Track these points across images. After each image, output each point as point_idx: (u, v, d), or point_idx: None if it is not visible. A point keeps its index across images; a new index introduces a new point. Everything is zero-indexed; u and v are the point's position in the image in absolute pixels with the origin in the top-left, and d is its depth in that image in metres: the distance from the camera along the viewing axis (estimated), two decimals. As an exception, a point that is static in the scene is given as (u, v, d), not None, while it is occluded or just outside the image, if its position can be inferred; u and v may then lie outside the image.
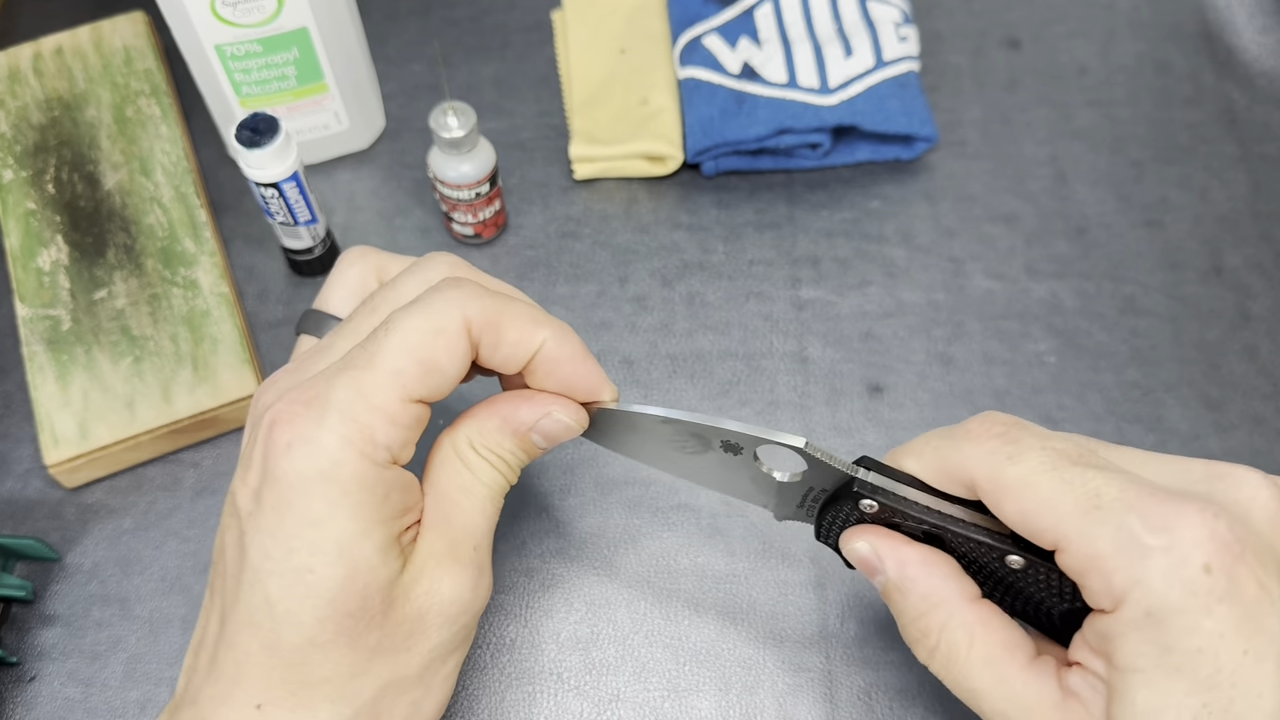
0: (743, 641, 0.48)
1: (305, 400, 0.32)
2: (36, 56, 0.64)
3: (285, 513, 0.32)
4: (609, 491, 0.52)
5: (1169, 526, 0.28)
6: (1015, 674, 0.32)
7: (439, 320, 0.33)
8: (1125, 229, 0.60)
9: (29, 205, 0.58)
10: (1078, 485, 0.29)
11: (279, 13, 0.54)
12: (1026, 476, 0.30)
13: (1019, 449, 0.31)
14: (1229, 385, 0.54)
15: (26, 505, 0.52)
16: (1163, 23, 0.68)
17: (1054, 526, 0.29)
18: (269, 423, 0.32)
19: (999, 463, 0.31)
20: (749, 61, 0.61)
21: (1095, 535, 0.29)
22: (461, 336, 0.34)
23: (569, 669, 0.48)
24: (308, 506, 0.31)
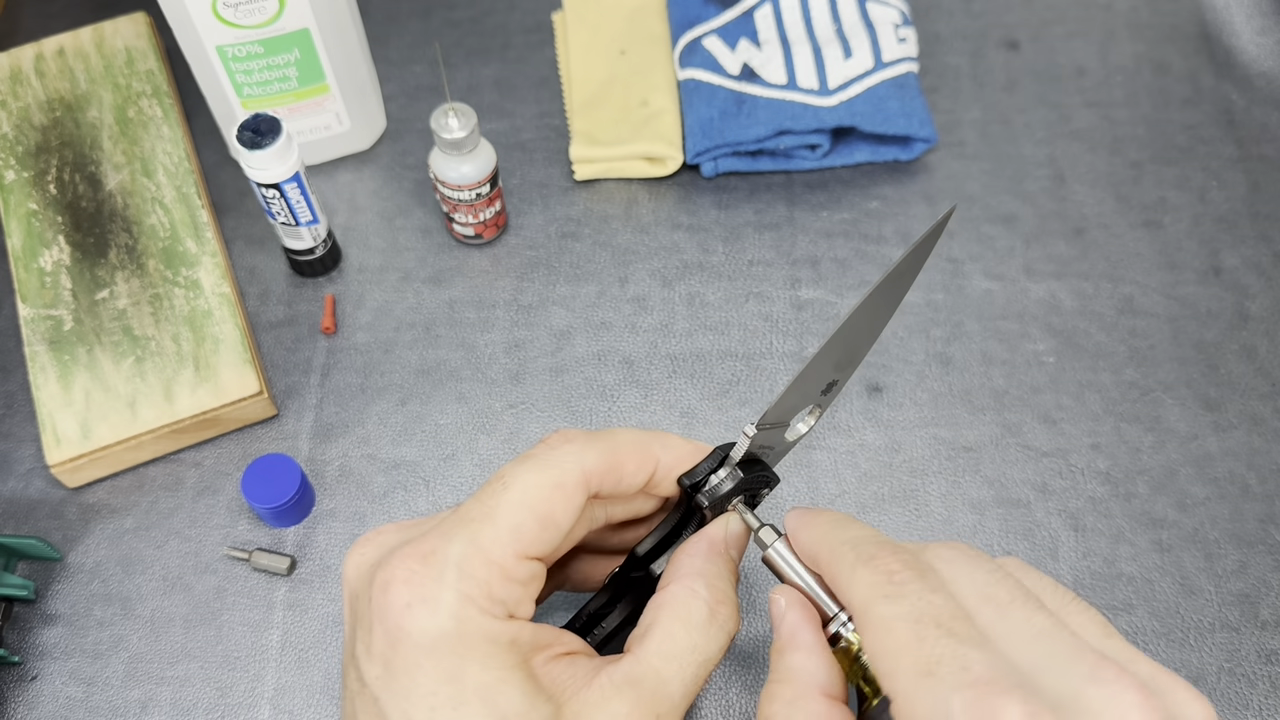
0: (743, 641, 0.48)
1: (421, 556, 0.32)
2: (38, 57, 0.64)
3: (417, 673, 0.31)
4: (609, 491, 0.52)
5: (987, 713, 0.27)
6: None
7: (557, 474, 0.33)
8: (1124, 229, 0.60)
9: (31, 206, 0.58)
10: (927, 645, 0.29)
11: (280, 14, 0.54)
12: (889, 620, 0.30)
13: (899, 592, 0.30)
14: (1227, 385, 0.55)
15: (28, 505, 0.53)
16: (1161, 24, 0.68)
17: (891, 675, 0.29)
18: (383, 582, 0.32)
19: (875, 597, 0.30)
20: (749, 63, 0.62)
21: (918, 699, 0.28)
22: (579, 490, 0.34)
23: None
24: (439, 664, 0.31)
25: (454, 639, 0.31)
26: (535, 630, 0.33)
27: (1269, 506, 0.51)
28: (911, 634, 0.29)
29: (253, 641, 0.49)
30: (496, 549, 0.32)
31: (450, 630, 0.31)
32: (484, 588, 0.32)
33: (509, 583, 0.32)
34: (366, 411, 0.55)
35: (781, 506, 0.52)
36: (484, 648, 0.31)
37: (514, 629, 0.32)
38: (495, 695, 0.31)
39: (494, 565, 0.32)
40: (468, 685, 0.31)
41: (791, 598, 0.34)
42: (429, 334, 0.57)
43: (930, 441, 0.53)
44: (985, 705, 0.27)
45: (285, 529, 0.52)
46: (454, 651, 0.31)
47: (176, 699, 0.48)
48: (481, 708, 0.31)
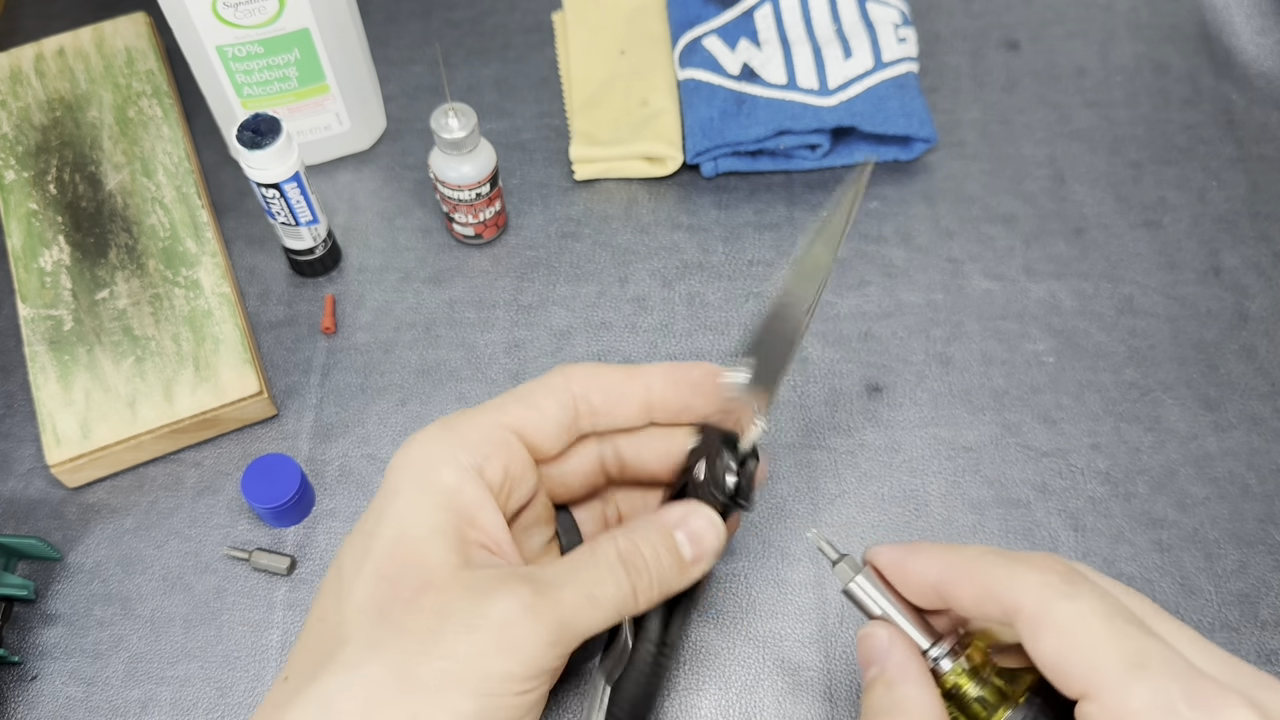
0: (743, 641, 0.48)
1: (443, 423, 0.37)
2: (38, 57, 0.64)
3: (378, 493, 0.36)
4: (609, 491, 0.52)
5: (1210, 708, 0.27)
6: None
7: (545, 377, 0.38)
8: (1123, 229, 0.60)
9: (31, 206, 0.58)
10: (1127, 640, 0.28)
11: (280, 14, 0.54)
12: (1079, 615, 0.29)
13: (1077, 590, 0.30)
14: (1227, 385, 0.55)
15: (28, 505, 0.53)
16: (1161, 24, 0.68)
17: (1091, 672, 0.28)
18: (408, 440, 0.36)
19: (1052, 596, 0.30)
20: (748, 63, 0.62)
21: (1133, 692, 0.28)
22: (562, 386, 0.37)
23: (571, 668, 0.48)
24: (390, 482, 0.35)
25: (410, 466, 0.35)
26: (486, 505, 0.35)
27: (1269, 506, 0.51)
28: (1109, 629, 0.29)
29: (253, 641, 0.49)
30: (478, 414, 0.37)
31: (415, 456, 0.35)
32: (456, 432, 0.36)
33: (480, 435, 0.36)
34: (366, 411, 0.55)
35: (782, 509, 0.52)
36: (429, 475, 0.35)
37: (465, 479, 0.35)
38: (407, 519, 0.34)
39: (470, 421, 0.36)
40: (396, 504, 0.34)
41: (893, 631, 0.33)
42: (429, 334, 0.57)
43: (930, 441, 0.53)
44: (1210, 698, 0.27)
45: (285, 529, 0.52)
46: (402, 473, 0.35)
47: (176, 699, 0.48)
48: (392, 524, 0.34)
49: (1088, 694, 0.28)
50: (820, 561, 0.50)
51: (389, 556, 0.33)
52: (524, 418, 0.37)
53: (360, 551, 0.34)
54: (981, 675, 0.32)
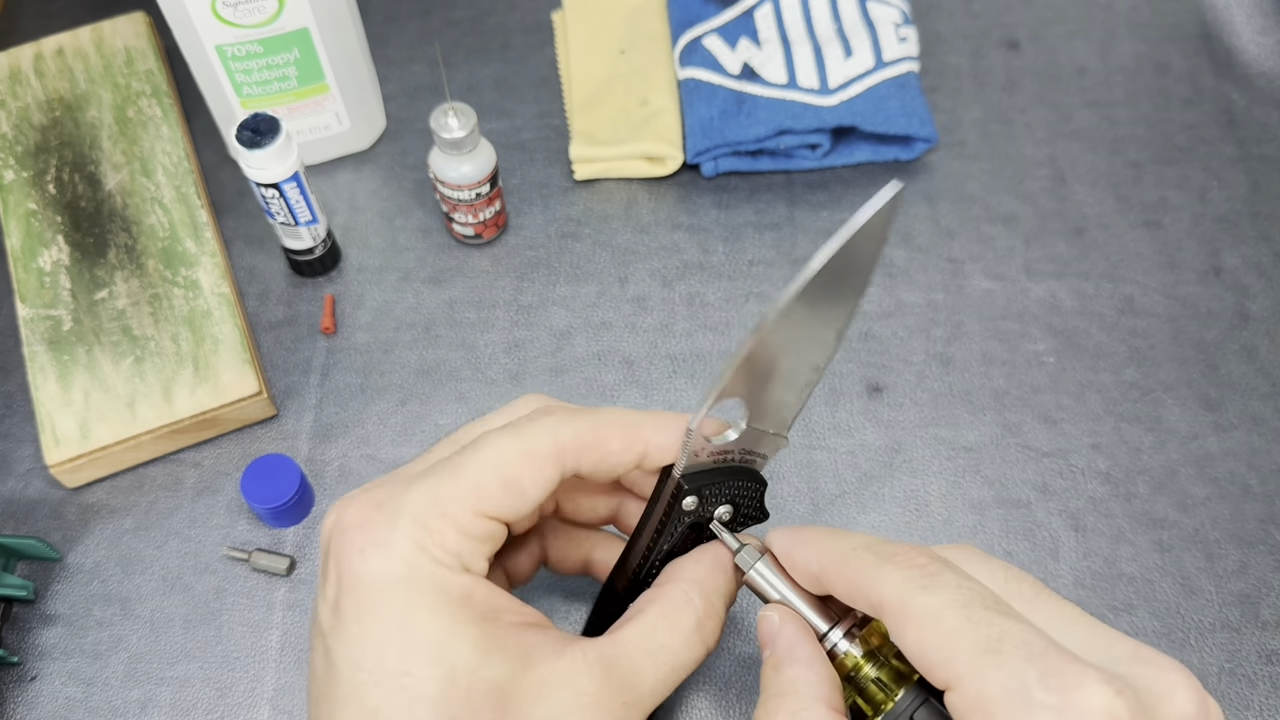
0: (743, 641, 0.48)
1: (377, 503, 0.32)
2: (38, 57, 0.64)
3: (368, 619, 0.30)
4: (609, 491, 0.52)
5: (1065, 688, 0.26)
6: None
7: (530, 443, 0.33)
8: (1124, 229, 0.60)
9: (30, 206, 0.58)
10: (983, 626, 0.28)
11: (280, 13, 0.54)
12: (934, 608, 0.29)
13: (935, 582, 0.30)
14: (1228, 385, 0.55)
15: (28, 505, 0.53)
16: (1162, 23, 0.68)
17: (949, 662, 0.28)
18: (340, 528, 0.32)
19: (911, 589, 0.30)
20: (749, 62, 0.62)
21: (988, 678, 0.27)
22: (550, 461, 0.33)
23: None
24: (389, 609, 0.30)
25: (404, 584, 0.30)
26: (491, 590, 0.32)
27: (1269, 506, 0.51)
28: (963, 617, 0.28)
29: (252, 642, 0.49)
30: (454, 503, 0.32)
31: (401, 575, 0.30)
32: (438, 538, 0.31)
33: (464, 537, 0.32)
34: (366, 412, 0.55)
35: (782, 509, 0.52)
36: (435, 596, 0.31)
37: (469, 583, 0.31)
38: (445, 647, 0.30)
39: (449, 518, 0.31)
40: (417, 633, 0.30)
41: (785, 613, 0.33)
42: (429, 334, 0.57)
43: (930, 442, 0.53)
44: (1063, 674, 0.26)
45: (285, 529, 0.52)
46: (404, 598, 0.30)
47: (176, 699, 0.48)
48: (429, 658, 0.30)
49: (949, 685, 0.28)
50: (820, 562, 0.50)
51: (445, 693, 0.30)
52: (506, 506, 0.33)
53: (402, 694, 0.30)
54: (879, 657, 0.32)
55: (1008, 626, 0.28)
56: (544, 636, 0.32)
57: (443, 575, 0.31)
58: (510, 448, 0.33)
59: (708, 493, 0.35)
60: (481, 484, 0.32)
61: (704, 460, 0.35)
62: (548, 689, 0.31)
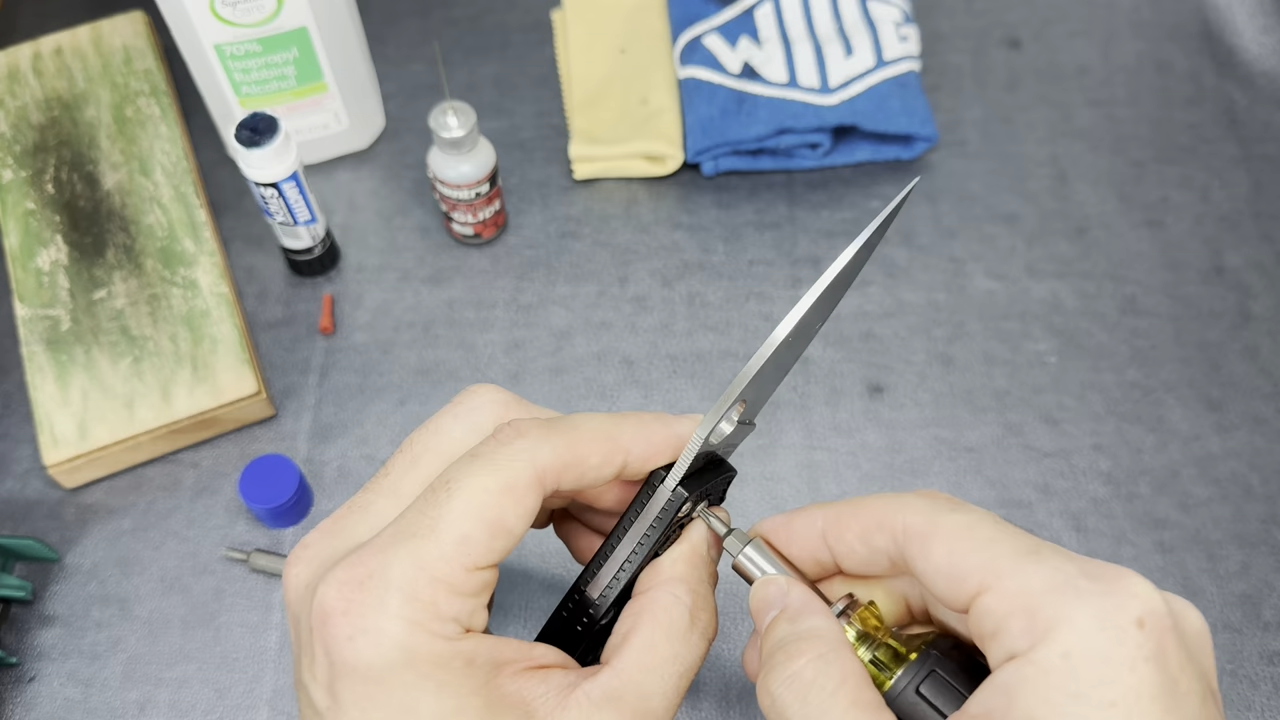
0: (743, 641, 0.48)
1: (358, 582, 0.29)
2: (36, 56, 0.64)
3: (369, 706, 0.29)
4: (609, 492, 0.52)
5: (1107, 577, 0.27)
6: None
7: (508, 476, 0.30)
8: (1126, 229, 0.60)
9: (28, 205, 0.58)
10: (1018, 537, 0.29)
11: (278, 12, 0.54)
12: (968, 521, 0.30)
13: (963, 506, 0.31)
14: (1229, 385, 0.54)
15: (26, 505, 0.52)
16: (1163, 23, 0.68)
17: (986, 565, 0.28)
18: (321, 613, 0.29)
19: (940, 511, 0.30)
20: (749, 61, 0.61)
21: (1030, 573, 0.28)
22: (532, 491, 0.31)
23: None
24: (390, 698, 0.29)
25: (402, 669, 0.29)
26: (495, 644, 0.31)
27: (1271, 507, 0.51)
28: (997, 529, 0.29)
29: (251, 643, 0.49)
30: (442, 566, 0.29)
31: (397, 660, 0.29)
32: (430, 609, 0.29)
33: (457, 597, 0.29)
34: (365, 412, 0.55)
35: (782, 509, 0.51)
36: (437, 675, 0.29)
37: (469, 647, 0.30)
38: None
39: (439, 583, 0.29)
40: (424, 716, 0.29)
41: (790, 578, 0.33)
42: (428, 334, 0.57)
43: (932, 442, 0.53)
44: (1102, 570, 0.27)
45: (284, 530, 0.52)
46: (404, 682, 0.29)
47: (174, 700, 0.47)
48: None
49: (984, 587, 0.28)
50: (821, 563, 0.50)
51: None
52: (497, 551, 0.31)
53: None
54: (874, 638, 0.33)
55: (1041, 541, 0.29)
56: (547, 685, 0.31)
57: (441, 649, 0.29)
58: (489, 487, 0.30)
59: (697, 493, 0.34)
60: (467, 536, 0.30)
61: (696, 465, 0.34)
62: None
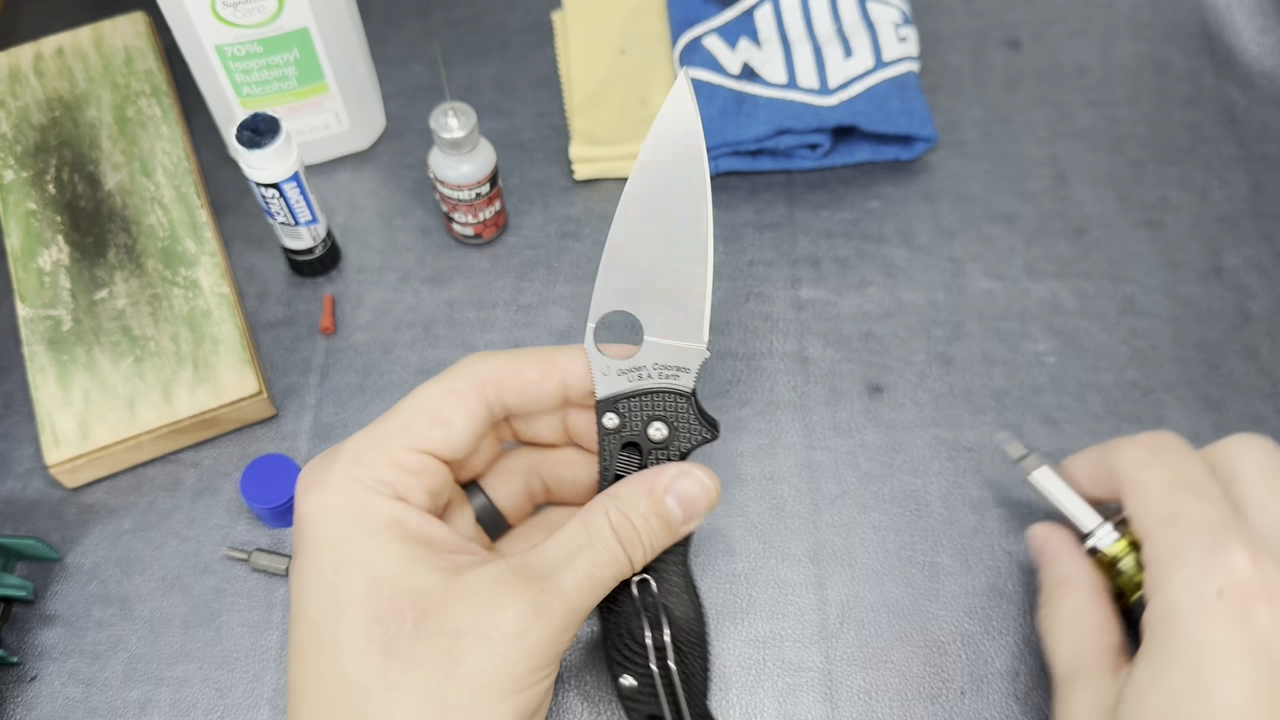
0: (743, 641, 0.48)
1: (326, 456, 0.36)
2: (37, 57, 0.64)
3: (311, 548, 0.34)
4: (609, 491, 0.52)
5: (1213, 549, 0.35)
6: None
7: (452, 381, 0.37)
8: (1125, 229, 0.60)
9: (30, 205, 0.58)
10: (1173, 501, 0.37)
11: (279, 13, 0.54)
12: (1146, 482, 0.38)
13: (1158, 459, 0.39)
14: (1229, 385, 0.54)
15: (27, 505, 0.52)
16: (1162, 23, 0.68)
17: (1142, 524, 0.38)
18: (298, 484, 0.36)
19: (1138, 465, 0.39)
20: (749, 62, 0.62)
21: (1160, 540, 0.36)
22: (472, 393, 0.37)
23: (569, 668, 0.48)
24: (325, 535, 0.34)
25: (338, 512, 0.34)
26: (431, 522, 0.35)
27: (1271, 507, 0.51)
28: (1163, 491, 0.38)
29: (252, 642, 0.49)
30: (385, 440, 0.35)
31: (335, 504, 0.34)
32: (369, 470, 0.35)
33: (395, 469, 0.35)
34: (366, 412, 0.55)
35: (782, 508, 0.51)
36: (366, 520, 0.34)
37: (400, 510, 0.34)
38: (371, 560, 0.33)
39: (380, 454, 0.35)
40: (347, 550, 0.34)
41: (1049, 526, 0.44)
42: (428, 334, 0.57)
43: (931, 442, 0.53)
44: (1216, 542, 0.35)
45: (285, 529, 0.52)
46: (338, 523, 0.34)
47: (175, 700, 0.48)
48: (356, 569, 0.33)
49: (1142, 541, 0.38)
50: (821, 561, 0.50)
51: (370, 597, 0.33)
52: (435, 439, 0.36)
53: (331, 604, 0.33)
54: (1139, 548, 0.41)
55: (1193, 504, 0.36)
56: (474, 557, 0.35)
57: (373, 501, 0.34)
58: (434, 387, 0.37)
59: (625, 409, 0.38)
60: (410, 422, 0.36)
61: (624, 385, 0.38)
62: (469, 589, 0.33)
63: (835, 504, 0.51)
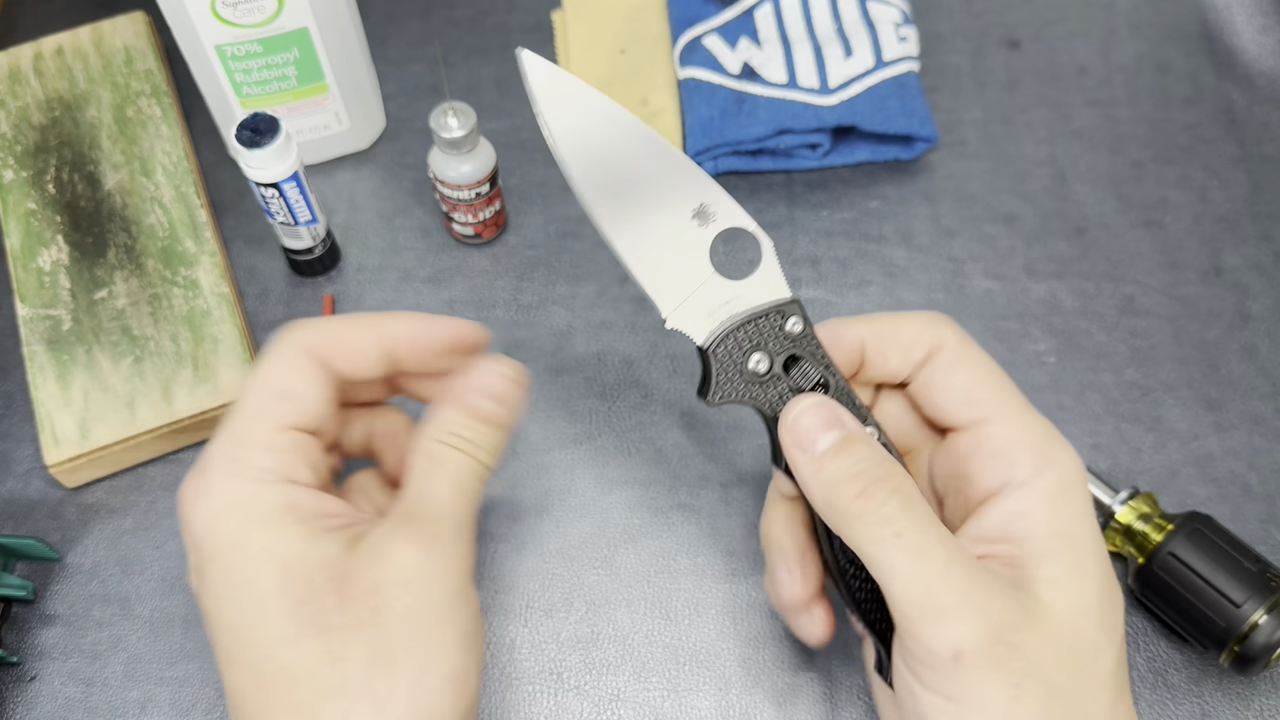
0: (743, 641, 0.48)
1: (197, 470, 0.36)
2: (37, 57, 0.64)
3: (213, 556, 0.34)
4: (609, 491, 0.52)
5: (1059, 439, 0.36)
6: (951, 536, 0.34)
7: (276, 355, 0.37)
8: (1125, 229, 0.60)
9: (29, 205, 0.58)
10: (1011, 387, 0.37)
11: (279, 13, 0.54)
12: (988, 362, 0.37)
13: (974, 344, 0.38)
14: (1228, 385, 0.54)
15: (27, 505, 0.52)
16: (1162, 23, 0.68)
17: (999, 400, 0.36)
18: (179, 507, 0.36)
19: (969, 342, 0.37)
20: (749, 62, 0.62)
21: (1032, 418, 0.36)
22: (301, 358, 0.37)
23: (569, 669, 0.48)
24: (223, 537, 0.34)
25: (230, 511, 0.34)
26: (323, 498, 0.36)
27: (1270, 507, 0.51)
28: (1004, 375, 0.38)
29: (252, 642, 0.49)
30: (244, 430, 0.36)
31: (224, 505, 0.34)
32: (245, 462, 0.35)
33: (270, 452, 0.35)
34: (366, 411, 0.55)
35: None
36: (257, 510, 0.34)
37: (290, 492, 0.35)
38: (274, 546, 0.33)
39: (247, 444, 0.35)
40: (249, 545, 0.34)
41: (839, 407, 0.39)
42: (428, 334, 0.57)
43: (931, 442, 0.53)
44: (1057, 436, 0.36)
45: (284, 529, 0.52)
46: (233, 522, 0.34)
47: (176, 699, 0.48)
48: (263, 560, 0.33)
49: (993, 419, 0.36)
50: (821, 562, 0.50)
51: (286, 584, 0.33)
52: (291, 411, 0.36)
53: (251, 601, 0.33)
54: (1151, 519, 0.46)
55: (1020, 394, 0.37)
56: (366, 524, 0.36)
57: (261, 491, 0.34)
58: (265, 367, 0.37)
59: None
60: (260, 405, 0.36)
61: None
62: (370, 549, 0.34)
63: (835, 504, 0.51)
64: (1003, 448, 0.35)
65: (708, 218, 0.38)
